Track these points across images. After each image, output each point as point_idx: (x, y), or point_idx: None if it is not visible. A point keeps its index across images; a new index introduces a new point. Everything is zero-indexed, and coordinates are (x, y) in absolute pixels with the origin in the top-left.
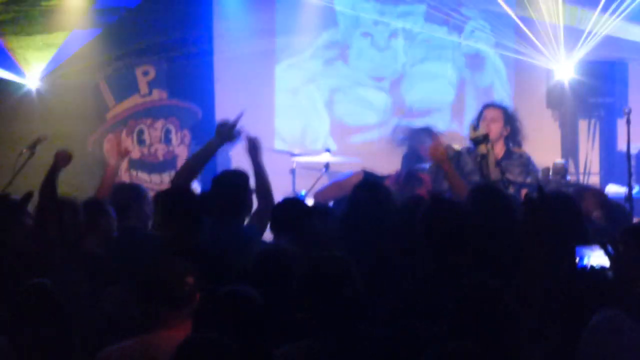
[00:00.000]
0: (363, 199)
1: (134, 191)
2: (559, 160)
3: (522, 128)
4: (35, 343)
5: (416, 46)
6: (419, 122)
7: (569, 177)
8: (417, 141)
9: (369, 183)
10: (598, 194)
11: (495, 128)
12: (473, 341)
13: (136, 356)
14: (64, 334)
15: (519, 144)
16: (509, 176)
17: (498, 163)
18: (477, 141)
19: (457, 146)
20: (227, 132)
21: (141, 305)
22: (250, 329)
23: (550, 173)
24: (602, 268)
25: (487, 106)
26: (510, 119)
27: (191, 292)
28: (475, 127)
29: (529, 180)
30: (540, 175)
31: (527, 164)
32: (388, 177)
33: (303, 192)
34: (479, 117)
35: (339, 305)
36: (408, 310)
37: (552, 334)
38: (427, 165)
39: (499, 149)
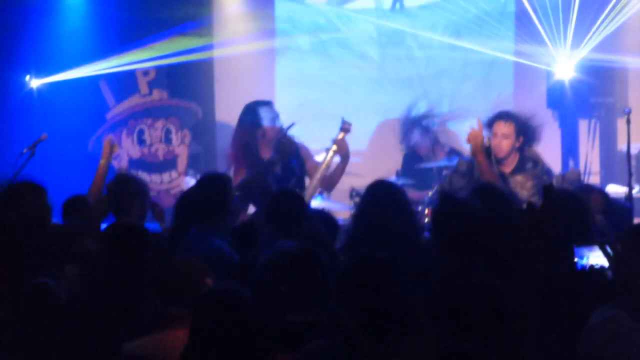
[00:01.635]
0: (376, 198)
1: (138, 187)
2: (573, 168)
3: (537, 131)
4: (40, 342)
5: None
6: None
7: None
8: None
9: (382, 183)
10: (602, 195)
11: (506, 145)
12: (473, 341)
13: (152, 353)
14: (67, 333)
15: (532, 144)
16: (524, 192)
17: (500, 174)
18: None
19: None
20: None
21: (158, 303)
22: (244, 328)
23: (563, 181)
24: (602, 268)
25: (497, 119)
26: (522, 130)
27: None
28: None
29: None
30: (554, 183)
31: (540, 176)
32: None
33: None
34: (490, 127)
35: (378, 304)
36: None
37: (552, 333)
38: (426, 165)
39: (511, 160)
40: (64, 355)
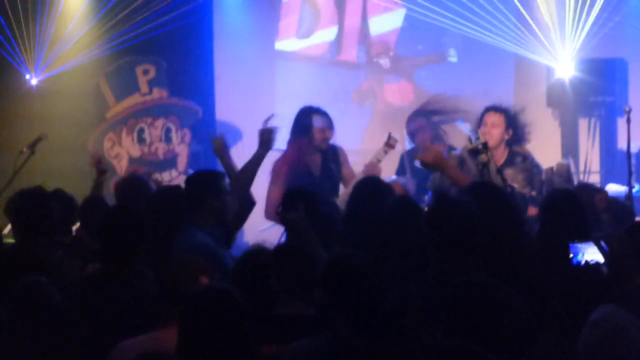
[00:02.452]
0: (364, 197)
1: (143, 188)
2: (563, 161)
3: (525, 130)
4: (33, 340)
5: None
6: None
7: (574, 178)
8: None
9: (370, 181)
10: (606, 195)
11: (496, 134)
12: (472, 340)
13: (149, 351)
14: (61, 331)
15: (520, 143)
16: (514, 185)
17: (499, 170)
18: (476, 152)
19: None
20: (269, 139)
21: (155, 301)
22: (234, 327)
23: (553, 175)
24: (597, 264)
25: (487, 110)
26: (512, 122)
27: None
28: (470, 138)
29: (534, 193)
30: (543, 176)
31: (530, 169)
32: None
33: None
34: (480, 121)
35: (357, 303)
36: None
37: (551, 331)
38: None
39: (501, 154)
40: (58, 353)
